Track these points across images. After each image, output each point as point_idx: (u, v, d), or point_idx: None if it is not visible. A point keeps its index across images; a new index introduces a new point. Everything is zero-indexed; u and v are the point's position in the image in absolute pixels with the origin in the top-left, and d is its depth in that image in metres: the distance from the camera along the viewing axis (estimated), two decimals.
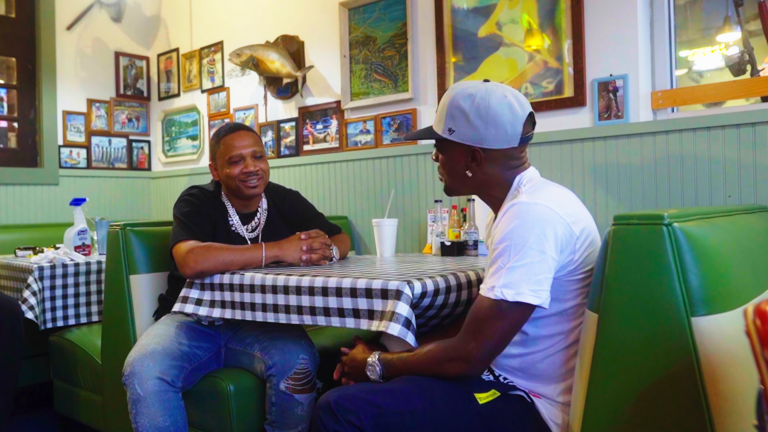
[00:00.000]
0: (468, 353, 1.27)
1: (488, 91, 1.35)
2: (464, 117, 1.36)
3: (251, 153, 1.95)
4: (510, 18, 2.48)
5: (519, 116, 1.35)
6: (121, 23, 4.00)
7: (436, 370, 1.33)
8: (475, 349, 1.26)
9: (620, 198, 2.18)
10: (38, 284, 2.40)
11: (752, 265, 1.30)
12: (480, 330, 1.26)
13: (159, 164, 4.11)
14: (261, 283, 1.65)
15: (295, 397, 1.76)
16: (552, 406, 1.34)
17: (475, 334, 1.27)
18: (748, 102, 2.17)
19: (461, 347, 1.29)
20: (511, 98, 1.36)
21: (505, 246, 1.25)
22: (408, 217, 2.78)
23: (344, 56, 3.02)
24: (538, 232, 1.23)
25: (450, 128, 1.38)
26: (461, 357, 1.28)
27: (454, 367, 1.30)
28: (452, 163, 1.42)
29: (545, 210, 1.26)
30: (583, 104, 2.28)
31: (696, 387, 1.04)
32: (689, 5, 2.36)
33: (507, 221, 1.27)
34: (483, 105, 1.34)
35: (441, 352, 1.33)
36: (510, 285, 1.23)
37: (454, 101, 1.37)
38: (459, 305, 1.58)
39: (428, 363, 1.34)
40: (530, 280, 1.23)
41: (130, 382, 1.73)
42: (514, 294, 1.22)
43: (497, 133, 1.35)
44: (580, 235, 1.29)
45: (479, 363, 1.28)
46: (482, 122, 1.34)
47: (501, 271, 1.24)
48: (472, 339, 1.27)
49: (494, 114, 1.34)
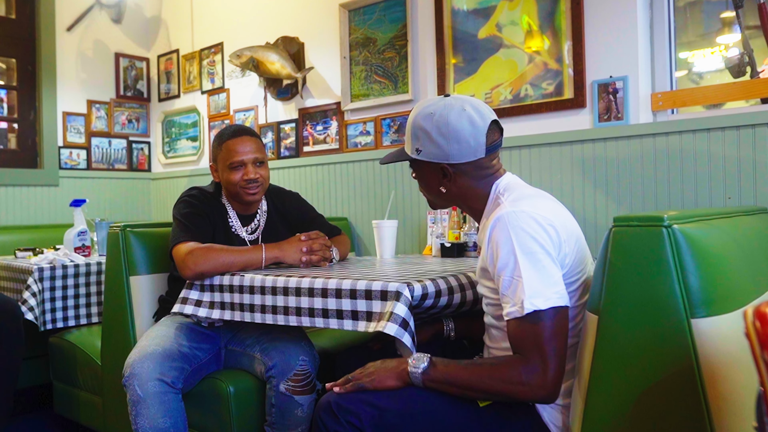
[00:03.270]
0: (539, 382, 1.19)
1: (446, 107, 1.36)
2: (427, 136, 1.37)
3: (253, 159, 1.95)
4: (510, 19, 2.48)
5: (480, 127, 1.35)
6: (122, 24, 4.00)
7: (502, 393, 1.23)
8: (544, 375, 1.19)
9: (620, 199, 2.18)
10: (38, 285, 2.40)
11: (752, 266, 1.30)
12: (536, 352, 1.19)
13: (159, 165, 4.11)
14: (261, 285, 1.65)
15: (294, 398, 1.76)
16: (552, 408, 1.34)
17: (534, 357, 1.19)
18: (747, 103, 2.17)
19: (529, 373, 1.20)
20: (470, 110, 1.35)
21: (511, 259, 1.23)
22: (408, 219, 2.78)
23: (344, 57, 3.02)
24: (535, 235, 1.23)
25: (417, 148, 1.40)
26: (532, 383, 1.19)
27: (526, 393, 1.20)
28: (426, 180, 1.44)
29: (530, 216, 1.25)
30: (582, 106, 2.28)
31: (696, 389, 1.04)
32: (689, 7, 2.36)
33: (499, 235, 1.25)
34: (443, 122, 1.35)
35: (506, 377, 1.22)
36: (535, 294, 1.19)
37: (416, 121, 1.39)
38: (462, 306, 1.58)
39: (493, 387, 1.24)
40: (549, 282, 1.21)
41: (130, 384, 1.73)
42: (544, 301, 1.19)
43: (461, 148, 1.35)
44: (567, 239, 1.28)
45: (553, 391, 1.20)
46: (444, 139, 1.35)
47: (519, 284, 1.21)
48: (534, 364, 1.19)
49: (454, 130, 1.34)
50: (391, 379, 1.32)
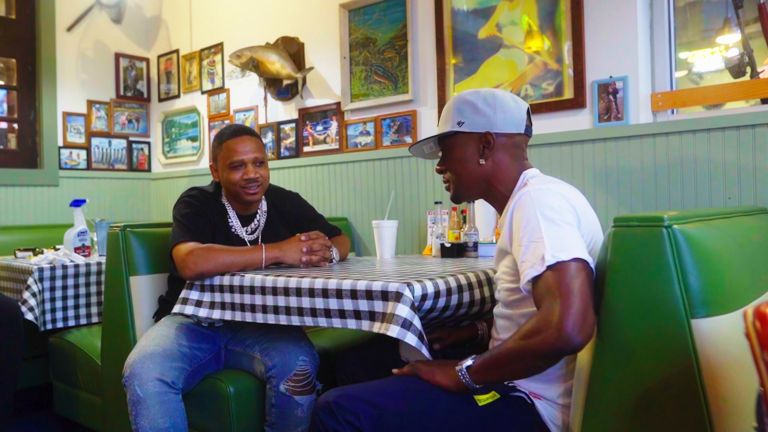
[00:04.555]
0: (556, 320, 1.11)
1: (489, 88, 1.47)
2: (472, 108, 1.42)
3: (253, 159, 1.95)
4: (510, 20, 2.48)
5: (521, 106, 1.44)
6: (122, 24, 4.01)
7: (526, 352, 1.17)
8: (561, 314, 1.11)
9: (620, 200, 2.18)
10: (38, 285, 2.39)
11: (752, 267, 1.30)
12: (555, 296, 1.13)
13: (159, 165, 4.11)
14: (261, 285, 1.65)
15: (295, 398, 1.76)
16: (552, 408, 1.34)
17: (552, 301, 1.13)
18: (747, 104, 2.17)
19: (545, 318, 1.13)
20: (510, 94, 1.47)
21: (533, 224, 1.22)
22: (408, 219, 2.78)
23: (344, 58, 3.02)
24: (558, 207, 1.24)
25: (459, 122, 1.43)
26: (549, 326, 1.12)
27: (545, 339, 1.12)
28: (464, 155, 1.44)
29: (557, 194, 1.28)
30: (582, 106, 2.29)
31: (696, 389, 1.04)
32: (689, 7, 2.36)
33: (524, 208, 1.26)
34: (489, 95, 1.43)
35: (523, 332, 1.17)
36: (559, 248, 1.16)
37: (460, 98, 1.45)
38: (460, 307, 1.58)
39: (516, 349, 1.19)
40: (573, 240, 1.19)
41: (130, 384, 1.73)
42: (568, 253, 1.16)
43: (506, 117, 1.41)
44: (585, 224, 1.29)
45: (572, 329, 1.10)
46: (491, 108, 1.41)
47: (540, 242, 1.18)
48: (551, 307, 1.13)
49: (501, 100, 1.42)
50: (445, 378, 1.31)
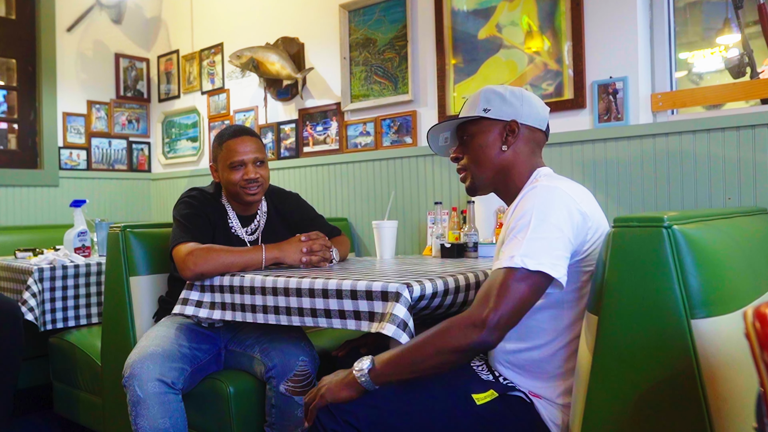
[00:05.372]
0: (482, 318, 1.17)
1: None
2: (500, 98, 1.45)
3: (253, 159, 1.95)
4: (510, 20, 2.48)
5: (545, 106, 1.50)
6: (122, 25, 4.01)
7: (439, 344, 1.20)
8: (490, 313, 1.17)
9: (620, 200, 2.18)
10: (38, 286, 2.40)
11: (752, 267, 1.30)
12: (496, 294, 1.18)
13: (159, 166, 4.11)
14: (261, 285, 1.65)
15: (294, 399, 1.76)
16: (552, 407, 1.34)
17: (489, 299, 1.19)
18: (747, 104, 2.17)
19: (474, 314, 1.19)
20: (535, 95, 1.52)
21: (525, 220, 1.25)
22: (408, 219, 2.78)
23: (344, 58, 3.02)
24: (558, 212, 1.25)
25: (485, 108, 1.45)
26: (474, 323, 1.17)
27: (466, 334, 1.17)
28: (486, 141, 1.45)
29: (564, 194, 1.28)
30: (582, 106, 2.29)
31: (696, 389, 1.04)
32: (689, 7, 2.36)
33: (527, 201, 1.29)
34: (516, 90, 1.47)
35: (447, 323, 1.21)
36: (530, 255, 1.20)
37: (488, 89, 1.48)
38: (453, 306, 1.58)
39: (431, 339, 1.21)
40: (550, 254, 1.21)
41: (130, 384, 1.73)
42: (536, 264, 1.19)
43: (531, 111, 1.45)
44: (592, 227, 1.29)
45: (495, 329, 1.17)
46: (518, 100, 1.45)
47: (521, 242, 1.22)
48: (486, 304, 1.18)
49: (528, 95, 1.47)
50: (344, 390, 1.28)
